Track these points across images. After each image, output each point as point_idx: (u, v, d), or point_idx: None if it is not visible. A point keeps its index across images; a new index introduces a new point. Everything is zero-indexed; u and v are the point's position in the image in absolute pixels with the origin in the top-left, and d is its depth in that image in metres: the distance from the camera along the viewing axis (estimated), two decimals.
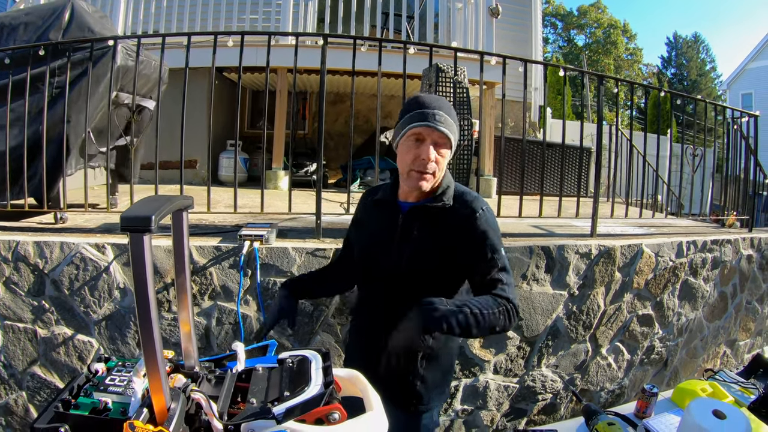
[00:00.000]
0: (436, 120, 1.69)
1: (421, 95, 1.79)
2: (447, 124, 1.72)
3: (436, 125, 1.69)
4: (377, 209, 1.97)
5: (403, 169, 1.79)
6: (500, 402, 3.48)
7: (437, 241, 1.79)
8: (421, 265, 1.80)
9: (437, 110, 1.71)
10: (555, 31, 40.16)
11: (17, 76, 3.27)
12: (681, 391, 2.25)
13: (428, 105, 1.73)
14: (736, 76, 21.83)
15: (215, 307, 3.05)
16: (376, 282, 1.93)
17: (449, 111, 1.76)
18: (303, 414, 1.00)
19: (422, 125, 1.70)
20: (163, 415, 0.93)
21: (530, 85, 8.61)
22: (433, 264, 1.80)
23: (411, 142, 1.75)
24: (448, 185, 1.85)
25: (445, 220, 1.79)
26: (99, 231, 3.35)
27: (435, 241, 1.79)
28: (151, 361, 0.89)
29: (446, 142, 1.75)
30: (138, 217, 0.85)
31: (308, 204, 3.76)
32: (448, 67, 3.47)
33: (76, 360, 3.08)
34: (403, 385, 1.89)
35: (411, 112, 1.74)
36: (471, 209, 1.78)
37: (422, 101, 1.75)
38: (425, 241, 1.79)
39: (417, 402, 1.91)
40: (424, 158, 1.72)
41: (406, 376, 1.88)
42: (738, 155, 5.31)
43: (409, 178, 1.77)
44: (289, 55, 3.48)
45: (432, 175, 1.76)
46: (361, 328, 2.08)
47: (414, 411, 1.92)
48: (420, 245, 1.80)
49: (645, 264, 3.70)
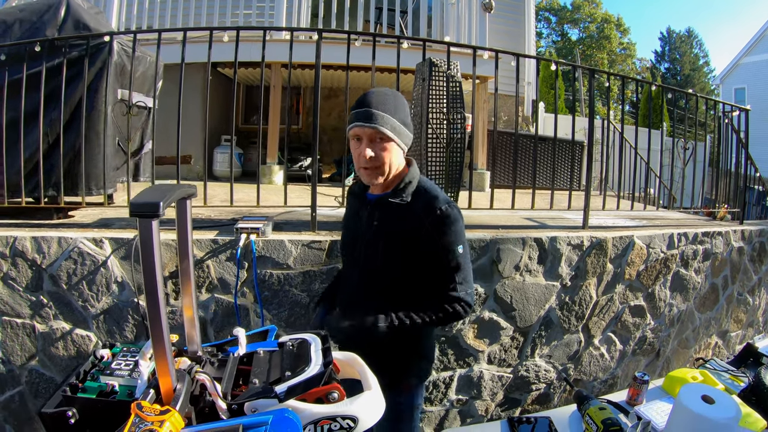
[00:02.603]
0: (367, 119, 1.75)
1: (364, 94, 1.84)
2: (382, 120, 1.76)
3: (368, 124, 1.75)
4: (354, 201, 2.09)
5: (356, 167, 1.89)
6: (494, 392, 3.53)
7: (398, 234, 1.85)
8: (386, 255, 1.88)
9: (370, 108, 1.76)
10: (549, 25, 40.12)
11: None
12: (672, 379, 2.27)
13: (362, 104, 1.79)
14: (729, 70, 21.85)
15: (212, 300, 3.08)
16: (352, 268, 2.03)
17: (387, 107, 1.79)
18: (304, 393, 1.03)
19: (356, 125, 1.78)
20: (170, 396, 0.96)
21: (523, 80, 8.63)
22: (396, 254, 1.87)
23: (354, 142, 1.83)
24: (410, 180, 1.90)
25: (403, 214, 1.85)
26: (96, 226, 3.37)
27: (396, 233, 1.86)
28: (158, 343, 0.93)
29: (384, 137, 1.79)
30: (147, 203, 0.88)
31: (303, 198, 3.78)
32: (441, 62, 3.49)
33: (75, 354, 3.10)
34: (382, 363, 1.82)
35: (351, 112, 1.83)
36: (428, 208, 1.82)
37: (360, 101, 1.81)
38: (387, 233, 1.87)
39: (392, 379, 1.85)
40: (362, 155, 1.79)
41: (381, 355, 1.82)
42: (729, 149, 5.36)
43: (361, 175, 1.87)
44: (283, 50, 3.51)
45: (376, 169, 1.82)
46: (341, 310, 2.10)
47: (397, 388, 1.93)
48: (382, 236, 1.87)
49: (636, 255, 3.75)
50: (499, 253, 3.35)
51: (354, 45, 3.55)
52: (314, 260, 3.12)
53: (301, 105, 9.67)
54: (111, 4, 6.97)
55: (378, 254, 1.88)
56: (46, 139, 3.36)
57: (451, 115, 3.56)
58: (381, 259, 1.88)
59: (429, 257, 1.83)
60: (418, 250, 1.83)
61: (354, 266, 2.02)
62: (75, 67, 3.36)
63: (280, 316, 3.12)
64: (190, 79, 4.08)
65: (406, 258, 1.86)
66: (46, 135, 3.35)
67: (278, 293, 3.11)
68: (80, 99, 3.34)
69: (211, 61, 3.47)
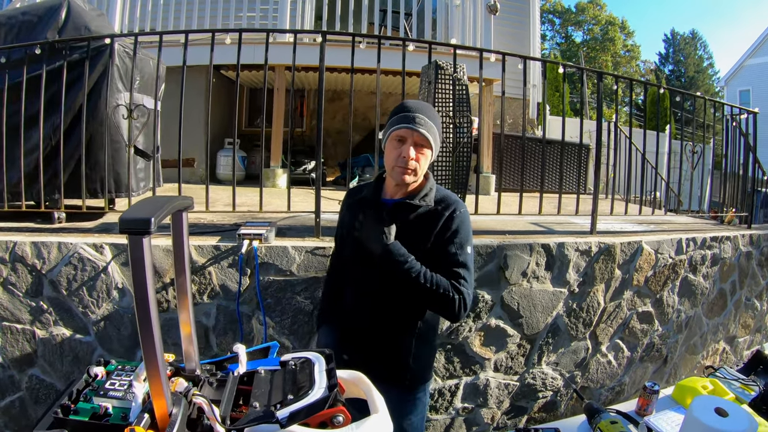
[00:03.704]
0: (416, 123, 1.90)
1: (408, 101, 2.01)
2: (427, 127, 1.92)
3: (417, 127, 1.90)
4: (362, 207, 2.10)
5: (389, 166, 2.01)
6: (501, 400, 3.48)
7: (417, 237, 1.97)
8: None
9: (418, 114, 1.92)
10: (553, 27, 40.16)
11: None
12: (682, 388, 2.23)
13: (411, 109, 1.94)
14: (733, 72, 21.80)
15: (214, 306, 3.04)
16: (363, 268, 2.05)
17: (432, 116, 1.97)
18: (307, 417, 0.99)
19: (404, 127, 1.92)
20: (165, 421, 0.92)
21: (529, 82, 8.60)
22: (417, 255, 1.94)
23: (395, 143, 1.96)
24: (431, 188, 2.05)
25: (425, 220, 1.99)
26: (97, 231, 3.33)
27: (416, 236, 1.97)
28: (151, 366, 0.88)
29: (426, 144, 1.94)
30: (137, 219, 0.83)
31: (306, 202, 3.75)
32: (447, 65, 3.45)
33: (75, 360, 3.06)
34: (397, 363, 2.08)
35: (396, 115, 1.97)
36: (450, 211, 1.98)
37: (407, 106, 1.97)
38: (407, 235, 1.96)
39: (411, 377, 2.11)
40: (404, 156, 1.91)
41: (400, 354, 2.08)
42: (737, 152, 5.31)
43: (394, 173, 1.97)
44: (286, 52, 3.47)
45: (413, 171, 1.95)
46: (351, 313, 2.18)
47: (408, 386, 2.12)
48: (402, 238, 1.95)
49: (645, 261, 3.70)
50: (507, 259, 3.30)
51: (358, 47, 3.50)
52: (318, 267, 3.08)
53: (305, 108, 9.65)
54: (114, 7, 6.95)
55: None
56: (49, 143, 3.36)
57: (458, 118, 3.52)
58: None
59: (442, 252, 1.96)
60: (435, 250, 1.96)
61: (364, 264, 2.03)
62: (76, 70, 3.33)
63: (283, 323, 3.08)
64: (193, 81, 4.05)
65: (424, 258, 1.94)
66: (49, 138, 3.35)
67: (281, 300, 3.06)
68: (87, 101, 3.32)
69: (213, 64, 3.43)
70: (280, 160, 6.80)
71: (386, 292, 2.01)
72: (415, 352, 2.09)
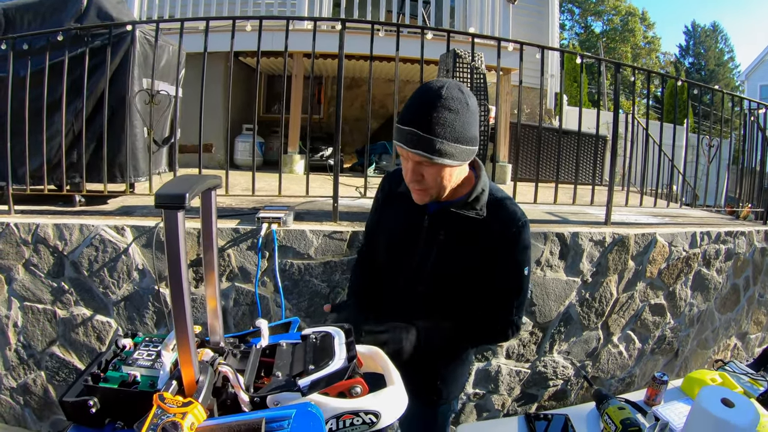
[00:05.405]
0: (407, 142, 1.42)
1: (418, 101, 1.44)
2: (428, 146, 1.40)
3: (412, 150, 1.42)
4: (401, 202, 1.71)
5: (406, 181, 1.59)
6: (512, 387, 3.51)
7: (464, 253, 1.63)
8: (444, 270, 1.67)
9: (412, 128, 1.40)
10: (572, 17, 39.68)
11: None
12: (690, 380, 2.24)
13: (405, 120, 1.43)
14: (754, 66, 21.40)
15: (233, 288, 3.09)
16: (398, 278, 1.77)
17: (441, 123, 1.40)
18: (327, 387, 1.03)
19: (398, 144, 1.47)
20: (192, 387, 0.96)
21: (546, 72, 8.57)
22: (457, 270, 1.65)
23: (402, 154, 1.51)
24: (483, 190, 1.62)
25: (476, 230, 1.60)
26: (118, 213, 3.39)
27: (462, 248, 1.63)
28: (182, 335, 0.92)
29: (428, 161, 1.43)
30: (172, 195, 0.87)
31: (324, 188, 3.79)
32: (465, 53, 3.46)
33: (95, 340, 3.14)
34: (424, 382, 1.83)
35: (396, 124, 1.49)
36: (506, 226, 1.60)
37: (410, 109, 1.44)
38: (452, 247, 1.63)
39: (437, 398, 1.90)
40: (408, 176, 1.53)
41: (427, 375, 1.84)
42: (755, 147, 5.27)
43: (411, 191, 1.59)
44: (305, 39, 3.50)
45: (426, 191, 1.54)
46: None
47: (434, 404, 1.91)
48: (446, 250, 1.64)
49: (658, 253, 3.70)
50: None
51: (377, 35, 3.52)
52: (335, 251, 3.12)
53: (323, 94, 9.67)
54: None
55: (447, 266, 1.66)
56: (71, 128, 3.42)
57: None
58: (451, 269, 1.66)
59: (492, 276, 1.63)
60: (485, 269, 1.62)
61: (399, 277, 1.77)
62: (97, 57, 3.38)
63: (300, 306, 3.13)
64: (212, 68, 4.08)
65: (468, 275, 1.65)
66: (71, 124, 3.41)
67: (298, 283, 3.11)
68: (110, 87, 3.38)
69: (233, 51, 3.47)
70: (297, 146, 6.85)
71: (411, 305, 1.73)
72: (444, 373, 1.87)
